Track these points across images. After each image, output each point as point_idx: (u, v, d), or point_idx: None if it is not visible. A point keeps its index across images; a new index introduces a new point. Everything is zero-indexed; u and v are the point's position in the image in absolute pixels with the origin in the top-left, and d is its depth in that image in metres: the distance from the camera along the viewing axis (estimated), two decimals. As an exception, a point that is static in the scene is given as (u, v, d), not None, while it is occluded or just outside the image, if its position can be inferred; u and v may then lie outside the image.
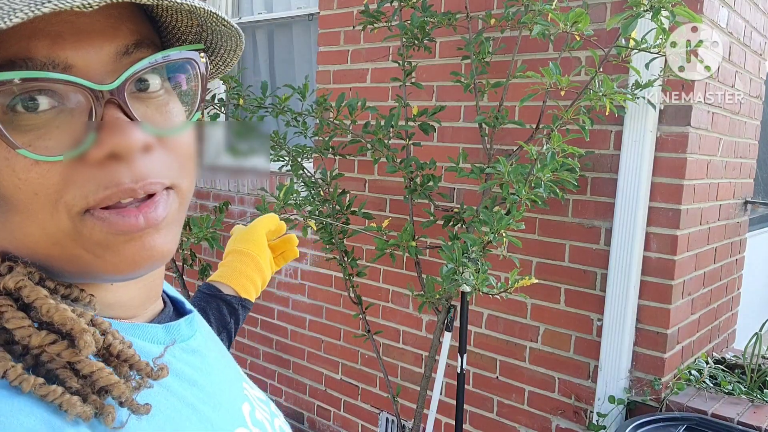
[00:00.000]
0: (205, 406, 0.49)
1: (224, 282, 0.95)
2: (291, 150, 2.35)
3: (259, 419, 0.57)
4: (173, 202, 0.46)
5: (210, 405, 0.50)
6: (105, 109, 0.41)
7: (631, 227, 2.03)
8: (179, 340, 0.52)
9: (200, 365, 0.53)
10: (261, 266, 0.97)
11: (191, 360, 0.52)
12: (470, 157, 2.29)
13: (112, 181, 0.41)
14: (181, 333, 0.53)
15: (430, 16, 2.10)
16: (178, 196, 0.46)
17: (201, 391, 0.50)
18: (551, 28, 1.66)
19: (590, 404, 2.18)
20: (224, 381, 0.55)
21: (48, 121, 0.40)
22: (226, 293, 0.93)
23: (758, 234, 3.30)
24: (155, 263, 0.45)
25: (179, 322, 0.54)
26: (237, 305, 0.93)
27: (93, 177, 0.41)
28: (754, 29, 2.41)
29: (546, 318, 2.27)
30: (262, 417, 0.58)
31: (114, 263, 0.43)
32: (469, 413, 2.50)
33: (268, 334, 3.28)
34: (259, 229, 0.99)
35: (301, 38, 3.26)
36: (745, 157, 2.55)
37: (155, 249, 0.44)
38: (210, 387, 0.52)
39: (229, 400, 0.54)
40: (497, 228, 1.70)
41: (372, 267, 2.70)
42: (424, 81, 2.46)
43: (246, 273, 0.95)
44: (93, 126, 0.40)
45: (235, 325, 0.93)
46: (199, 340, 0.56)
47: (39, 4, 0.35)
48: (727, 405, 2.05)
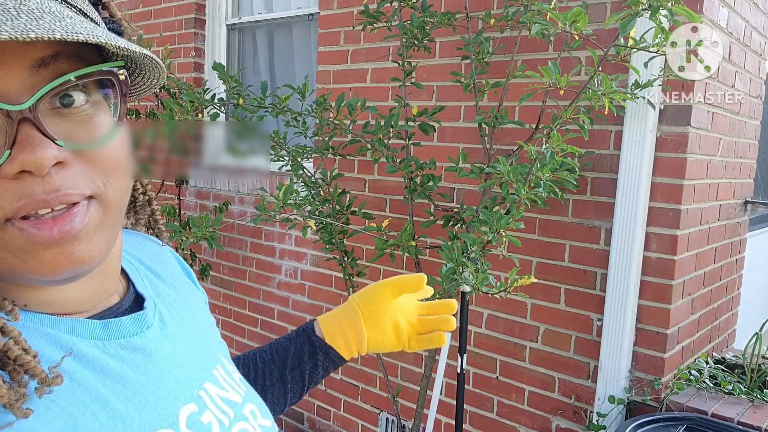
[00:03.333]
0: (124, 404, 0.51)
1: (320, 324, 0.89)
2: (291, 150, 2.35)
3: (204, 422, 0.57)
4: (95, 211, 0.48)
5: (133, 403, 0.51)
6: (20, 126, 0.43)
7: (631, 227, 2.03)
8: (119, 336, 0.54)
9: (139, 363, 0.54)
10: (358, 320, 0.87)
11: (128, 357, 0.54)
12: (470, 157, 2.29)
13: (25, 193, 0.43)
14: (123, 329, 0.55)
15: (429, 16, 2.10)
16: (101, 205, 0.48)
17: (125, 388, 0.52)
18: (550, 27, 1.66)
19: (590, 404, 2.18)
20: (167, 380, 0.56)
21: None
22: (317, 334, 0.88)
23: (758, 234, 3.30)
24: (76, 269, 0.48)
25: (123, 319, 0.55)
26: (319, 350, 0.86)
27: (8, 189, 0.43)
28: (754, 29, 2.42)
29: (546, 318, 2.27)
30: (212, 419, 0.58)
31: (36, 267, 0.46)
32: (469, 413, 2.50)
33: (269, 334, 3.28)
34: (382, 287, 0.88)
35: (301, 38, 3.27)
36: (745, 157, 2.55)
37: (74, 256, 0.47)
38: (142, 385, 0.53)
39: (166, 401, 0.55)
40: (497, 228, 1.70)
41: (372, 267, 2.70)
42: (423, 81, 2.46)
43: (339, 321, 0.87)
44: (8, 143, 0.42)
45: (312, 370, 0.87)
46: (149, 338, 0.57)
47: None
48: (727, 405, 2.05)
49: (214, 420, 0.59)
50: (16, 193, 0.43)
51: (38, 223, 0.45)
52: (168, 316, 0.62)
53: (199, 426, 0.56)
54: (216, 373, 0.64)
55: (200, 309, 0.72)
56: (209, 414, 0.59)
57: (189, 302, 0.69)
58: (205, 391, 0.60)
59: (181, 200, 3.46)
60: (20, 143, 0.43)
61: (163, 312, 0.62)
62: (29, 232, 0.45)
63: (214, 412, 0.59)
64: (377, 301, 0.87)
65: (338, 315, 0.88)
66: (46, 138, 0.43)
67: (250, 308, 3.36)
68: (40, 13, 0.42)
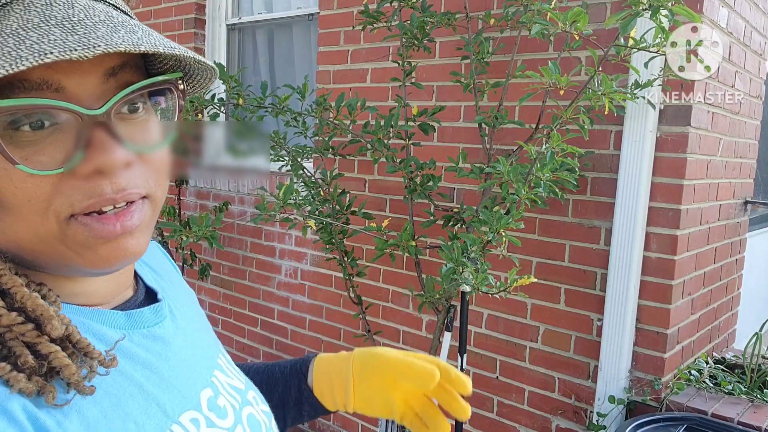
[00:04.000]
0: (155, 388, 0.54)
1: (314, 370, 0.82)
2: (291, 150, 2.35)
3: (220, 405, 0.61)
4: (147, 210, 0.52)
5: (161, 387, 0.55)
6: (93, 129, 0.46)
7: (631, 227, 2.03)
8: (141, 326, 0.57)
9: (160, 351, 0.57)
10: (348, 386, 0.78)
11: (151, 345, 0.57)
12: (470, 157, 2.29)
13: (95, 192, 0.47)
14: (144, 320, 0.58)
15: (429, 16, 2.10)
16: (152, 204, 0.53)
17: (154, 374, 0.55)
18: (550, 27, 1.66)
19: (590, 404, 2.18)
20: (186, 368, 0.59)
21: (43, 137, 0.46)
22: (308, 382, 0.82)
23: (758, 234, 3.30)
24: (127, 262, 0.52)
25: (143, 310, 0.58)
26: (306, 400, 0.81)
27: (79, 188, 0.47)
28: (754, 29, 2.42)
29: (546, 318, 2.27)
30: (226, 403, 0.62)
31: (92, 260, 0.50)
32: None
33: (268, 334, 3.28)
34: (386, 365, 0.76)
35: (301, 38, 3.26)
36: (745, 157, 2.55)
37: (128, 250, 0.51)
38: (166, 371, 0.56)
39: (187, 385, 0.58)
40: (497, 227, 1.70)
41: (372, 267, 2.70)
42: (423, 81, 2.46)
43: (331, 378, 0.80)
44: (82, 145, 0.46)
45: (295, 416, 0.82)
46: (166, 328, 0.60)
47: (42, 54, 0.41)
48: (727, 405, 2.05)
49: (227, 404, 0.62)
50: (87, 191, 0.47)
51: (102, 218, 0.48)
52: (175, 308, 0.65)
53: (217, 409, 0.60)
54: (220, 362, 0.68)
55: (194, 303, 0.74)
56: (223, 398, 0.62)
57: (185, 297, 0.71)
58: (215, 378, 0.64)
59: (181, 200, 3.46)
60: (94, 145, 0.46)
61: (171, 304, 0.64)
62: (93, 227, 0.48)
63: (226, 396, 0.63)
64: (373, 375, 0.77)
65: (333, 369, 0.80)
66: (117, 141, 0.47)
67: (250, 308, 3.36)
68: (111, 21, 0.46)
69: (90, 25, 0.44)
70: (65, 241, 0.48)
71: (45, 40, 0.42)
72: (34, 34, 0.42)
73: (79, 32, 0.43)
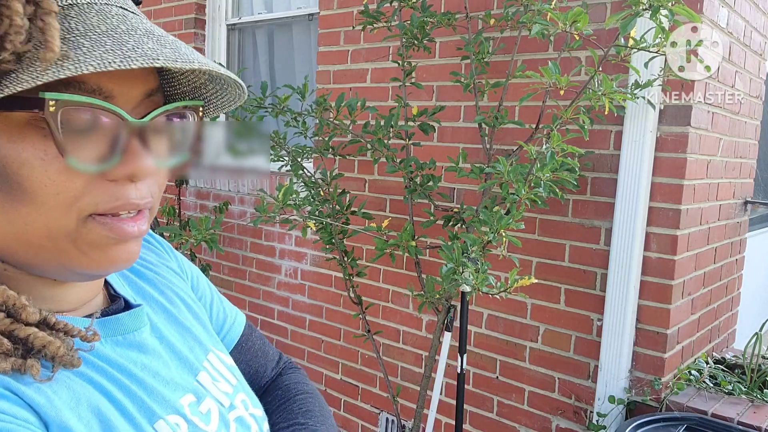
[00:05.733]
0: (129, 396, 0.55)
1: None
2: (291, 150, 2.35)
3: (203, 411, 0.61)
4: (149, 219, 0.55)
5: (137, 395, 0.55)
6: (132, 137, 0.49)
7: (631, 227, 2.03)
8: (118, 333, 0.58)
9: (136, 357, 0.58)
10: None
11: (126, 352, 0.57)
12: (470, 157, 2.29)
13: (122, 195, 0.50)
14: (121, 326, 0.59)
15: (429, 16, 2.10)
16: (150, 212, 0.55)
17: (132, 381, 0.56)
18: (550, 27, 1.66)
19: (590, 404, 2.18)
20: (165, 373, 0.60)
21: (87, 135, 0.47)
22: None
23: (758, 234, 3.30)
24: (125, 266, 0.54)
25: (119, 316, 0.59)
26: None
27: (107, 189, 0.49)
28: (754, 29, 2.41)
29: (546, 318, 2.27)
30: (210, 408, 0.62)
31: (97, 261, 0.51)
32: (469, 413, 2.50)
33: (268, 334, 3.28)
34: None
35: (301, 38, 3.26)
36: (745, 157, 2.55)
37: (131, 254, 0.54)
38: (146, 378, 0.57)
39: (166, 391, 0.58)
40: (497, 228, 1.70)
41: (372, 267, 2.70)
42: (423, 81, 2.46)
43: None
44: (120, 150, 0.49)
45: None
46: (145, 335, 0.61)
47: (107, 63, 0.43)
48: (727, 405, 2.05)
49: (213, 407, 0.63)
50: (114, 194, 0.49)
51: (121, 219, 0.51)
52: (152, 312, 0.65)
53: (200, 414, 0.60)
54: (207, 365, 0.67)
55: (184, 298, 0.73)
56: (207, 403, 0.62)
57: (171, 295, 0.71)
58: (198, 382, 0.64)
59: (181, 200, 3.46)
60: (131, 152, 0.49)
61: (150, 309, 0.65)
62: (113, 226, 0.50)
63: (210, 401, 0.63)
64: None
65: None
66: (150, 152, 0.50)
67: (250, 308, 3.36)
68: (165, 37, 0.49)
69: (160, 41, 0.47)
70: (76, 240, 0.49)
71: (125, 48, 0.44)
72: (108, 40, 0.45)
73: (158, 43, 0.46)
